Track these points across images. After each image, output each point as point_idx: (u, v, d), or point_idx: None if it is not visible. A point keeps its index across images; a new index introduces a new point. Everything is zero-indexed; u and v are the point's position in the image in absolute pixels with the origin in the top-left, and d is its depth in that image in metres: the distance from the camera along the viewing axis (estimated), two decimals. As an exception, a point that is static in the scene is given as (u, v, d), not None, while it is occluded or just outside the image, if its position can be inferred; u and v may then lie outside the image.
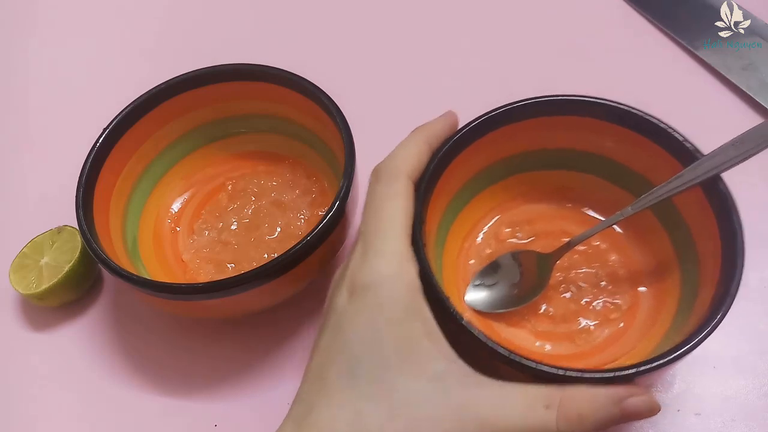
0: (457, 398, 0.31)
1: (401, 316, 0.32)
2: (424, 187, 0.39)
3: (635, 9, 0.62)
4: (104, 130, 0.46)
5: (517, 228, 0.47)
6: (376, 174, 0.37)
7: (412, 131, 0.39)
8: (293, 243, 0.40)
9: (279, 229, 0.48)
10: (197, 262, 0.47)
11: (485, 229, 0.47)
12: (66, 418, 0.45)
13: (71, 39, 0.67)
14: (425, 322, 0.32)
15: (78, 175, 0.44)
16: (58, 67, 0.65)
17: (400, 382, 0.31)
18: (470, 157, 0.43)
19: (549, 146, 0.45)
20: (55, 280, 0.46)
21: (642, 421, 0.41)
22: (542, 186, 0.47)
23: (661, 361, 0.33)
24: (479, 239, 0.47)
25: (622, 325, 0.42)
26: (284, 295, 0.44)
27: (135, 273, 0.41)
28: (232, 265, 0.47)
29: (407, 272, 0.33)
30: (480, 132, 0.43)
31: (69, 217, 0.44)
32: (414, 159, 0.37)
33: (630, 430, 0.41)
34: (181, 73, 0.48)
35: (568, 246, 0.43)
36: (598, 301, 0.43)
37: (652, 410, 0.32)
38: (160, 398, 0.45)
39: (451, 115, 0.41)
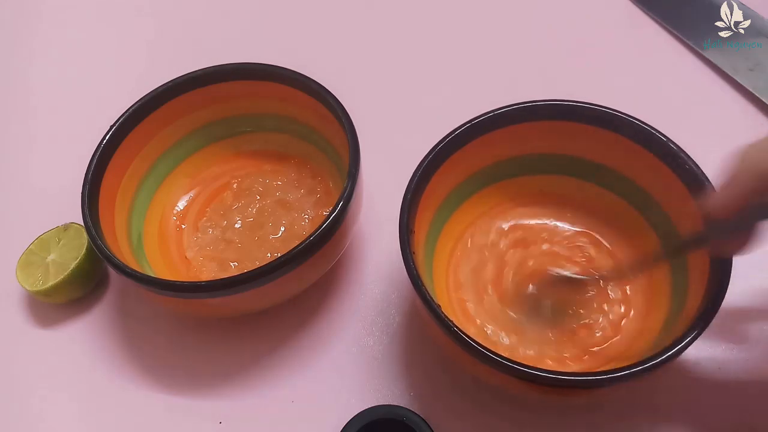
0: None
1: None
2: (411, 196, 0.39)
3: (641, 9, 0.62)
4: (110, 128, 0.46)
5: (507, 233, 0.47)
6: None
7: None
8: (297, 243, 0.40)
9: (283, 229, 0.48)
10: (200, 260, 0.48)
11: (474, 235, 0.47)
12: (71, 415, 0.45)
13: (76, 38, 0.67)
14: None
15: (84, 173, 0.44)
16: (66, 64, 0.65)
17: None
18: (455, 165, 0.43)
19: (532, 151, 0.46)
20: (62, 277, 0.46)
21: (650, 420, 0.41)
22: (528, 190, 0.47)
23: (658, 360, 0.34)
24: (469, 245, 0.47)
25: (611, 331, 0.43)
26: (287, 294, 0.44)
27: (139, 270, 0.41)
28: (235, 263, 0.47)
29: None
30: (463, 140, 0.43)
31: (76, 214, 0.44)
32: None
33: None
34: (187, 72, 0.48)
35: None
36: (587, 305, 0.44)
37: None
38: (164, 396, 0.45)
39: None
